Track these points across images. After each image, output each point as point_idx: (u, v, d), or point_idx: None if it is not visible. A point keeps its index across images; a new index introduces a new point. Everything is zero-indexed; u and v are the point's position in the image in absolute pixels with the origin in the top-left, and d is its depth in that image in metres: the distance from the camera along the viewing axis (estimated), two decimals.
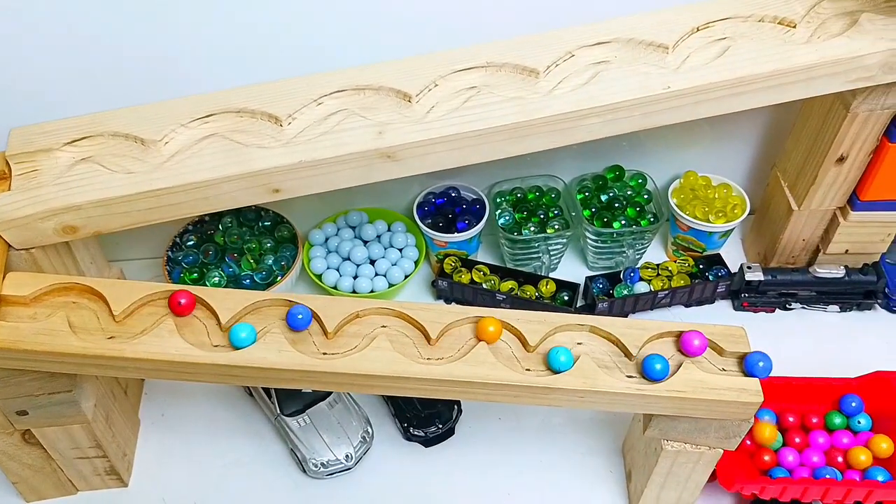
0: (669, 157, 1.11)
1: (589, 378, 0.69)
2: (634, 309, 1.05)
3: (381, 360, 0.69)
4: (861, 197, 0.95)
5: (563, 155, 1.10)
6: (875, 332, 1.04)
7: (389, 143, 0.73)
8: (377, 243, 1.07)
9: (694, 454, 0.76)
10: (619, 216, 1.06)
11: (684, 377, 0.70)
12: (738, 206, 1.05)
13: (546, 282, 1.04)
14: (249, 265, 1.03)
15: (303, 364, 0.69)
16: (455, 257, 1.06)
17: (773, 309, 1.05)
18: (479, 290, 1.04)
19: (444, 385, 0.69)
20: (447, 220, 1.06)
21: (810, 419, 0.86)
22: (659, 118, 0.76)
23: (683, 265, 1.04)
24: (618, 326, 0.73)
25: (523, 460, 0.92)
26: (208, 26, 0.84)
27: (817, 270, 1.01)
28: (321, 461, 0.89)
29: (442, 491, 0.90)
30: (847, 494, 0.78)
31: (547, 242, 1.05)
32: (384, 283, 1.03)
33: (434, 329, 0.72)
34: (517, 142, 0.75)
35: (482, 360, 0.70)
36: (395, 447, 0.93)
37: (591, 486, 0.90)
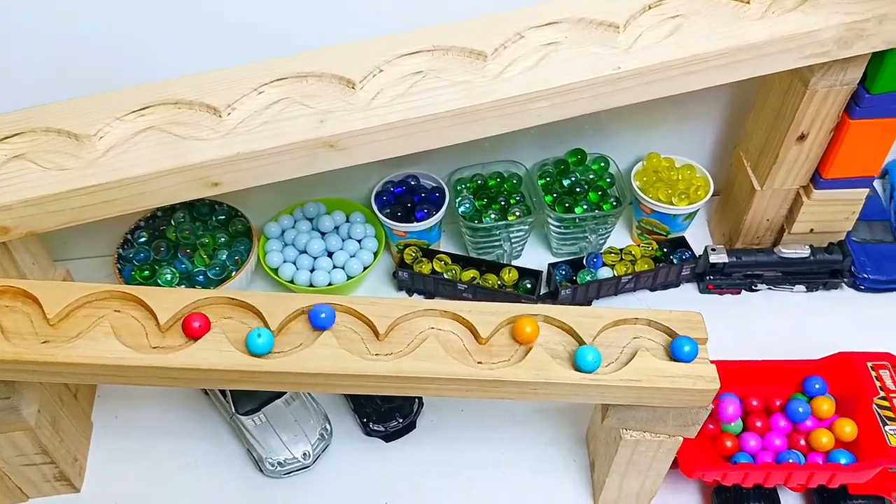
0: (632, 139, 1.09)
1: (541, 370, 0.67)
2: (598, 295, 1.03)
3: (327, 358, 0.67)
4: (824, 175, 0.93)
5: (524, 139, 1.07)
6: (842, 311, 1.03)
7: (331, 132, 0.71)
8: (335, 235, 1.04)
9: (654, 443, 0.74)
10: (581, 201, 1.04)
11: (639, 365, 0.68)
12: (701, 187, 1.03)
13: (508, 270, 1.01)
14: (203, 261, 1.00)
15: (245, 364, 0.66)
16: (415, 247, 1.04)
17: (738, 291, 1.04)
18: (440, 281, 1.02)
19: (393, 381, 0.67)
20: (406, 210, 1.03)
21: (773, 402, 0.84)
22: (610, 100, 0.74)
23: (647, 249, 1.03)
24: (572, 315, 0.71)
25: (486, 452, 0.91)
26: (144, 16, 0.81)
27: (782, 251, 1.00)
28: (278, 460, 0.87)
29: (403, 486, 0.88)
30: (810, 478, 0.76)
31: (508, 230, 1.03)
32: (342, 276, 1.01)
33: (383, 324, 0.69)
34: (465, 127, 0.73)
35: (431, 355, 0.68)
36: (355, 443, 0.91)
37: (554, 476, 0.89)
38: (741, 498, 0.79)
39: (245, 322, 0.70)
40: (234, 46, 0.81)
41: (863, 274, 1.02)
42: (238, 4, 0.82)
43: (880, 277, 1.02)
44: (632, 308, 1.01)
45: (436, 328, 0.71)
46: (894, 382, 0.80)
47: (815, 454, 0.80)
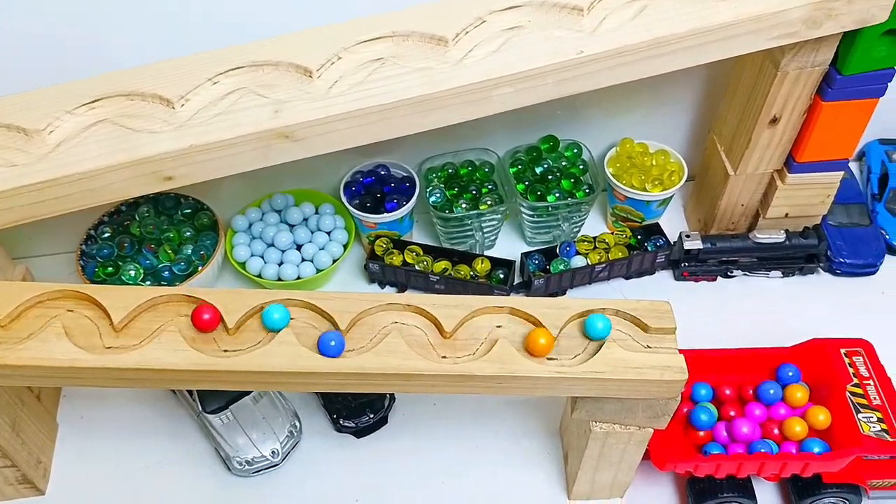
0: (606, 125, 1.07)
1: (506, 363, 0.66)
2: (572, 284, 1.01)
3: (285, 356, 0.65)
4: (797, 158, 0.91)
5: (496, 126, 1.05)
6: (819, 296, 1.02)
7: (286, 123, 0.69)
8: (304, 227, 1.02)
9: (624, 435, 0.73)
10: (553, 189, 1.02)
11: (605, 357, 0.67)
12: (675, 172, 1.02)
13: (481, 260, 1.00)
14: (168, 256, 0.98)
15: (201, 364, 0.64)
16: (386, 238, 1.02)
17: (714, 277, 1.03)
18: (411, 272, 1.00)
19: (354, 379, 0.66)
20: (376, 201, 1.01)
21: (747, 391, 0.83)
22: (575, 85, 0.72)
23: (621, 237, 1.01)
24: (538, 307, 0.70)
25: (459, 446, 0.89)
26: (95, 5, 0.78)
27: (757, 236, 0.98)
28: (246, 459, 0.85)
29: (375, 483, 0.87)
30: (783, 468, 0.75)
31: (480, 219, 1.01)
32: (311, 270, 0.99)
33: (344, 319, 0.68)
34: (426, 115, 0.71)
35: (394, 350, 0.66)
36: (326, 440, 0.90)
37: (528, 468, 0.88)
38: (715, 488, 0.78)
39: None
40: (188, 35, 0.79)
41: (839, 258, 1.01)
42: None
43: (856, 261, 1.01)
44: (603, 298, 1.01)
45: (399, 322, 0.69)
46: (868, 369, 0.78)
47: (789, 443, 0.78)
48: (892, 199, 1.07)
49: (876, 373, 0.78)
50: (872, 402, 0.76)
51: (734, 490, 0.77)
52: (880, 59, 0.80)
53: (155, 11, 0.80)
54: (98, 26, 0.81)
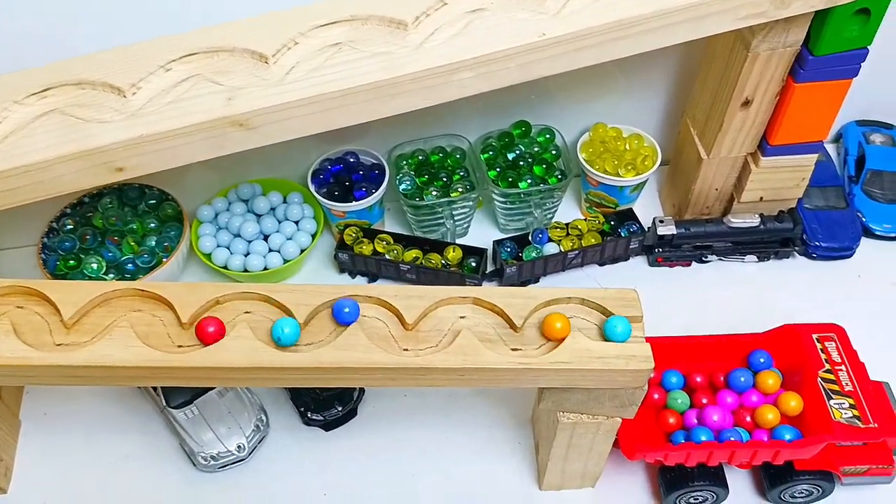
0: (580, 109, 1.05)
1: (469, 355, 0.64)
2: (545, 271, 1.00)
3: (241, 351, 0.63)
4: (771, 141, 0.90)
5: (468, 111, 1.03)
6: (795, 280, 1.01)
7: (240, 110, 0.66)
8: (271, 217, 1.00)
9: (592, 425, 0.72)
10: (525, 175, 1.00)
11: (571, 347, 0.65)
12: (648, 157, 1.00)
13: (452, 248, 0.98)
14: (131, 248, 0.96)
15: (153, 360, 0.62)
16: (356, 227, 1.00)
17: (689, 262, 1.01)
18: (382, 262, 0.98)
19: (313, 373, 0.64)
20: (344, 189, 0.99)
21: (718, 378, 0.82)
22: (538, 69, 0.70)
23: (594, 223, 1.00)
24: (503, 297, 0.68)
25: (430, 437, 0.88)
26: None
27: (731, 220, 0.97)
28: (211, 454, 0.84)
29: (344, 476, 0.85)
30: (753, 455, 0.74)
31: (451, 207, 0.99)
32: (279, 260, 0.97)
33: (302, 312, 0.66)
34: (385, 101, 0.69)
35: (353, 344, 0.64)
36: (294, 433, 0.88)
37: (499, 459, 0.86)
38: (686, 477, 0.77)
39: (156, 315, 0.66)
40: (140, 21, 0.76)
41: (815, 242, 1.00)
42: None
43: (832, 245, 1.00)
44: (575, 285, 1.00)
45: (361, 314, 0.67)
46: (840, 354, 0.77)
47: (761, 430, 0.77)
48: (868, 182, 1.06)
49: (848, 358, 0.77)
50: (844, 388, 0.75)
51: (706, 478, 0.76)
52: (852, 38, 0.79)
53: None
54: (47, 14, 0.78)
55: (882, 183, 1.05)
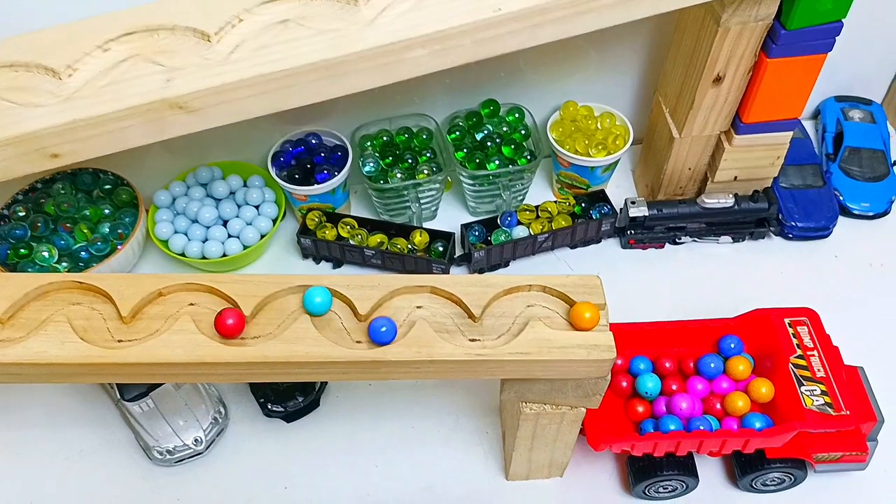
0: (550, 87, 1.02)
1: (424, 347, 0.62)
2: (514, 255, 0.97)
3: (182, 346, 0.60)
4: (744, 119, 0.87)
5: (435, 90, 1.00)
6: (770, 261, 0.98)
7: (179, 92, 0.63)
8: (231, 201, 0.97)
9: (556, 415, 0.70)
10: (493, 156, 0.97)
11: (530, 337, 0.62)
12: (620, 136, 0.97)
13: (419, 233, 0.95)
14: (84, 236, 0.92)
15: (90, 356, 0.59)
16: (319, 212, 0.97)
17: (662, 244, 0.99)
18: (345, 247, 0.95)
19: (259, 368, 0.61)
20: (305, 172, 0.96)
21: (688, 364, 0.79)
22: (495, 46, 0.67)
23: (564, 205, 0.97)
24: (461, 285, 0.65)
25: (395, 427, 0.85)
26: None
27: (705, 201, 0.94)
28: (167, 448, 0.81)
29: (305, 468, 0.83)
30: (723, 445, 0.72)
31: (417, 190, 0.96)
32: (238, 246, 0.94)
33: (249, 304, 0.63)
34: (334, 81, 0.65)
35: (302, 336, 0.61)
36: (254, 425, 0.86)
37: (466, 448, 0.84)
38: (655, 466, 0.74)
39: (95, 308, 0.63)
40: None
41: (791, 222, 0.98)
42: None
43: (809, 224, 0.98)
44: (545, 269, 0.98)
45: None
46: (812, 339, 0.75)
47: (731, 418, 0.75)
48: (846, 159, 1.03)
49: (821, 343, 0.75)
50: (816, 374, 0.73)
51: (675, 468, 0.74)
52: (826, 11, 0.75)
53: None
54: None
55: (860, 160, 1.03)
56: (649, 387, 0.75)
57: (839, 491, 0.79)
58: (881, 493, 0.79)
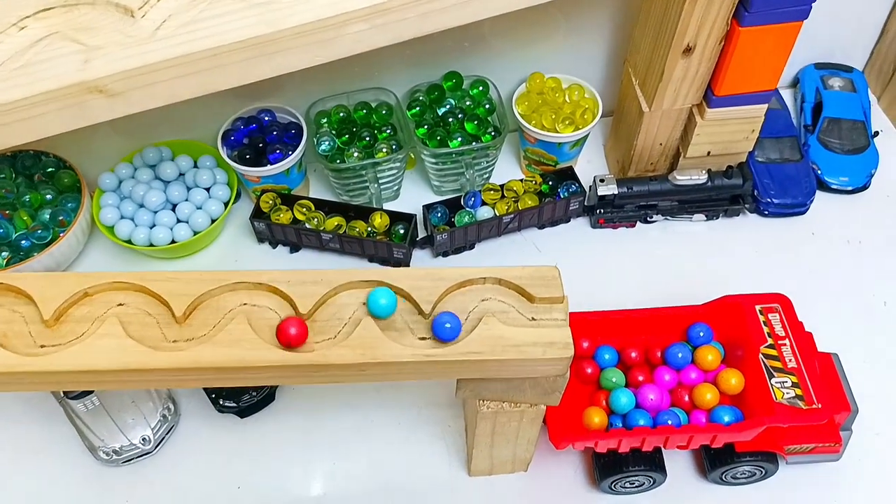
0: (516, 58, 0.97)
1: (369, 348, 0.58)
2: (479, 237, 0.93)
3: (108, 352, 0.56)
4: (716, 92, 0.83)
5: (394, 62, 0.95)
6: (744, 239, 0.95)
7: (98, 74, 0.58)
8: (180, 183, 0.92)
9: (515, 413, 0.66)
10: (456, 133, 0.92)
11: (483, 335, 0.58)
12: (588, 110, 0.92)
13: (379, 215, 0.91)
14: (24, 223, 0.87)
15: (9, 364, 0.55)
16: (273, 194, 0.92)
17: (633, 223, 0.95)
18: (302, 231, 0.91)
19: (192, 374, 0.57)
20: (257, 151, 0.91)
21: (655, 353, 0.76)
22: (444, 19, 0.62)
23: (531, 184, 0.92)
24: (411, 279, 0.61)
25: (354, 420, 0.82)
26: None
27: (677, 177, 0.90)
28: (113, 448, 0.77)
29: (261, 466, 0.79)
30: (690, 441, 0.69)
31: (376, 169, 0.91)
32: (187, 232, 0.89)
33: (181, 303, 0.59)
34: (266, 60, 0.60)
35: (238, 339, 0.57)
36: (206, 422, 0.82)
37: (428, 442, 0.81)
38: (620, 462, 0.71)
39: (17, 310, 0.59)
40: None
41: (766, 198, 0.94)
42: None
43: (785, 201, 0.94)
44: (511, 251, 0.94)
45: (249, 304, 0.60)
46: (784, 327, 0.71)
47: (699, 411, 0.72)
48: (825, 131, 0.99)
49: (793, 331, 0.71)
50: (787, 365, 0.69)
51: (641, 463, 0.71)
52: None
53: None
54: None
55: (840, 132, 0.98)
56: (612, 382, 0.71)
57: (812, 481, 0.76)
58: (855, 483, 0.76)
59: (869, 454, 0.77)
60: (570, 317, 0.61)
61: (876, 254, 0.93)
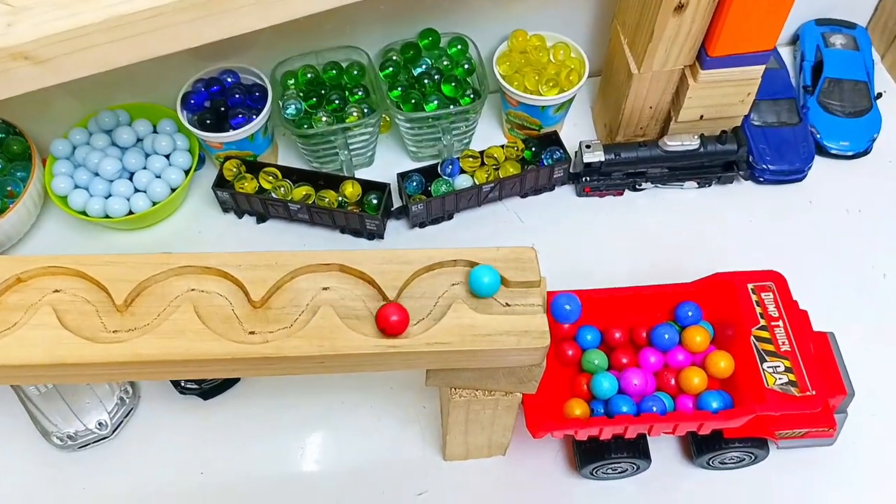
0: (498, 14, 0.90)
1: (327, 339, 0.53)
2: (458, 207, 0.88)
3: (41, 344, 0.51)
4: (710, 52, 0.77)
5: (367, 17, 0.88)
6: (738, 207, 0.90)
7: (22, 40, 0.52)
8: (137, 150, 0.86)
9: (489, 401, 0.62)
10: (432, 95, 0.86)
11: (451, 323, 0.54)
12: (573, 71, 0.86)
13: (350, 184, 0.85)
14: None
15: None
16: (238, 161, 0.86)
17: (621, 191, 0.90)
18: (268, 201, 0.85)
19: (134, 368, 0.52)
20: (219, 116, 0.85)
21: (640, 334, 0.71)
22: None
23: (512, 150, 0.87)
24: (374, 263, 0.56)
25: (324, 401, 0.78)
26: None
27: (667, 143, 0.85)
28: (67, 433, 0.73)
29: (225, 449, 0.75)
30: (675, 429, 0.65)
31: (346, 135, 0.86)
32: (145, 202, 0.83)
33: (122, 290, 0.54)
34: (213, 21, 0.54)
35: (184, 329, 0.53)
36: (168, 404, 0.78)
37: (402, 424, 0.77)
38: (602, 449, 0.68)
39: None
40: None
41: (762, 164, 0.89)
42: None
43: (782, 167, 0.89)
44: (488, 222, 0.89)
45: (197, 290, 0.55)
46: (777, 307, 0.67)
47: (686, 396, 0.68)
48: (825, 92, 0.93)
49: (787, 311, 0.67)
50: (780, 349, 0.65)
51: (624, 450, 0.67)
52: None
53: None
54: None
55: (841, 93, 0.93)
56: (605, 387, 0.66)
57: (803, 464, 0.73)
58: (848, 467, 0.73)
59: (864, 437, 0.73)
60: (550, 296, 0.57)
61: (876, 223, 0.88)
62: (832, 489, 0.72)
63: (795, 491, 0.72)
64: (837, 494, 0.72)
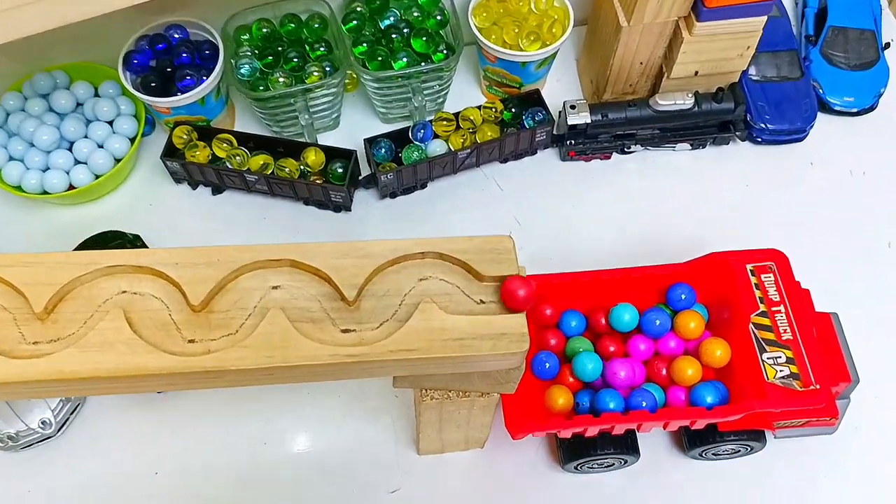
0: None
1: (277, 349, 0.47)
2: (431, 175, 0.81)
3: None
4: (707, 2, 0.69)
5: None
6: (734, 171, 0.83)
7: None
8: (77, 117, 0.78)
9: (464, 402, 0.56)
10: (401, 52, 0.78)
11: (419, 326, 0.48)
12: (557, 22, 0.78)
13: (313, 151, 0.78)
14: None
15: None
16: (188, 127, 0.78)
17: (608, 155, 0.83)
18: (222, 171, 0.78)
19: (56, 385, 0.46)
20: (165, 77, 0.77)
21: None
22: None
23: (490, 111, 0.79)
24: (330, 257, 0.50)
25: (290, 394, 0.72)
26: None
27: (659, 102, 0.78)
28: (8, 434, 0.68)
29: (180, 448, 0.70)
30: (666, 426, 0.60)
31: (307, 96, 0.78)
32: (88, 176, 0.76)
33: (42, 294, 0.47)
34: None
35: (112, 340, 0.46)
36: (117, 400, 0.72)
37: (373, 417, 0.72)
38: (588, 445, 0.63)
39: None
40: None
41: (760, 123, 0.82)
42: None
43: (781, 126, 0.82)
44: (465, 193, 0.82)
45: (129, 292, 0.49)
46: (779, 289, 0.61)
47: (678, 388, 0.62)
48: (829, 43, 0.86)
49: (789, 295, 0.61)
50: (781, 337, 0.59)
51: (611, 446, 0.62)
52: None
53: None
54: None
55: (846, 44, 0.86)
56: (589, 369, 0.61)
57: (801, 451, 0.68)
58: (850, 453, 0.68)
59: (867, 422, 0.69)
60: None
61: (881, 186, 0.82)
62: (832, 479, 0.68)
63: (793, 481, 0.68)
64: (837, 485, 0.67)
